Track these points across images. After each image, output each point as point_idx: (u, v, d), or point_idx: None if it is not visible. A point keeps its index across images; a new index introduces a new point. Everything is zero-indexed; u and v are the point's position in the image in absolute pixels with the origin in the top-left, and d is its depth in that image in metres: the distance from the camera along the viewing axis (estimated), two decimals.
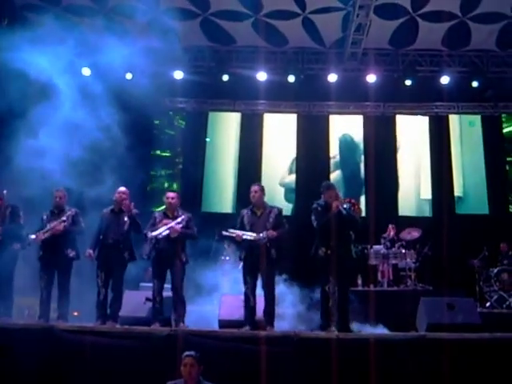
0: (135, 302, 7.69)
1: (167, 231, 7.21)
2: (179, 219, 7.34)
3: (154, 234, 7.23)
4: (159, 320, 7.01)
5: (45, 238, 7.47)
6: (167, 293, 7.37)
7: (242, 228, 7.16)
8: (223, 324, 7.58)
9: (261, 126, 14.32)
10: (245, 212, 7.35)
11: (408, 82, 13.29)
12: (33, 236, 7.48)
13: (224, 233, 7.21)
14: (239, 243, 7.26)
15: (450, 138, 13.95)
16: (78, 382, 5.81)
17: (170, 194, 7.61)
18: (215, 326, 7.59)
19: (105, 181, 8.88)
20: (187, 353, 5.09)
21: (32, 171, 9.54)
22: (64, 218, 7.56)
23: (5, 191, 7.80)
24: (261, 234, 6.98)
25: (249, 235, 7.04)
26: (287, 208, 13.22)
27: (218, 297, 8.70)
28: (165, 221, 7.33)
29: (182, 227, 7.29)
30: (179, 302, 7.15)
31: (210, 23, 12.64)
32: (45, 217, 7.73)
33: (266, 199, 7.45)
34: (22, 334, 5.99)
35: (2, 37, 10.57)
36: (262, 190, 7.39)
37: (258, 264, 6.99)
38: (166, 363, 5.59)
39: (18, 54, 10.45)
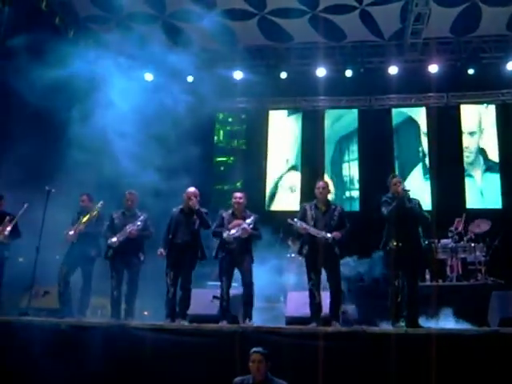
0: (203, 300, 7.83)
1: (240, 232, 7.30)
2: (249, 220, 7.41)
3: (226, 234, 7.31)
4: (227, 317, 7.11)
5: (121, 240, 7.78)
6: (234, 291, 7.47)
7: (304, 222, 7.13)
8: (290, 321, 7.62)
9: (322, 123, 14.28)
10: (307, 206, 7.31)
11: (472, 71, 12.90)
12: (114, 239, 7.76)
13: (290, 221, 7.19)
14: (300, 236, 7.24)
15: None
16: (148, 379, 5.98)
17: (238, 194, 7.65)
18: (282, 323, 7.64)
19: (174, 180, 9.11)
20: (255, 349, 5.15)
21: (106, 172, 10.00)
22: (139, 223, 7.84)
23: (101, 202, 8.13)
24: (328, 235, 6.94)
25: (315, 232, 7.02)
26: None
27: (285, 294, 8.77)
28: (236, 221, 7.41)
29: (251, 228, 7.36)
30: (248, 300, 7.21)
31: (267, 22, 12.68)
32: (115, 216, 8.02)
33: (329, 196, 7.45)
34: (95, 332, 6.23)
35: (70, 48, 11.04)
36: (328, 186, 7.37)
37: (321, 260, 6.97)
38: (234, 360, 5.67)
39: (85, 64, 10.90)
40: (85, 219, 8.00)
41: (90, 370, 5.87)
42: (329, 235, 6.93)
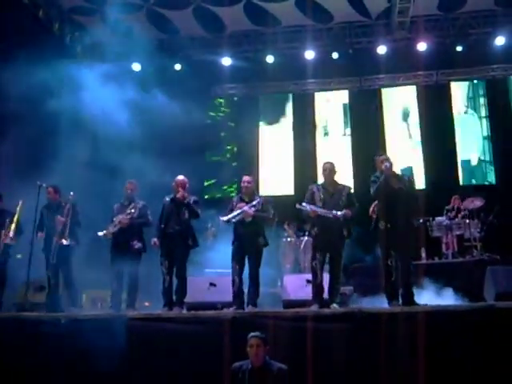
0: (200, 287, 7.85)
1: (241, 215, 7.28)
2: (254, 202, 7.38)
3: (225, 218, 7.32)
4: (237, 304, 7.07)
5: (114, 231, 7.75)
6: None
7: (313, 204, 7.10)
8: (287, 304, 7.66)
9: (312, 106, 14.25)
10: (315, 188, 7.28)
11: (460, 47, 12.87)
12: (100, 233, 7.76)
13: (298, 206, 7.18)
14: (309, 218, 7.20)
15: (510, 100, 13.43)
16: (147, 367, 6.01)
17: (246, 178, 7.62)
18: (280, 307, 7.68)
19: (166, 168, 9.09)
20: (253, 334, 5.16)
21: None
22: (128, 211, 7.78)
23: (71, 193, 8.10)
24: (338, 213, 6.92)
25: (325, 212, 7.00)
26: None
27: (281, 278, 8.80)
28: (239, 205, 7.42)
29: (255, 210, 7.32)
30: (254, 286, 7.19)
31: (253, 6, 12.58)
32: (115, 207, 8.00)
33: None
34: (93, 324, 6.24)
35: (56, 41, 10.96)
36: (334, 167, 7.33)
37: (329, 241, 6.98)
38: (232, 345, 5.69)
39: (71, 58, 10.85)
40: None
41: (90, 363, 5.89)
42: (339, 213, 6.91)
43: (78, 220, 8.09)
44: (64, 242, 7.77)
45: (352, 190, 7.40)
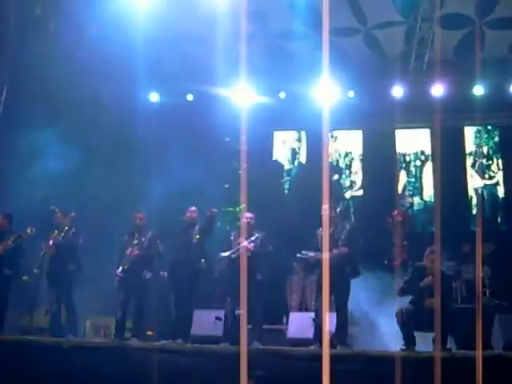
0: (205, 320, 7.82)
1: (237, 252, 7.30)
2: (253, 238, 7.41)
3: (225, 254, 7.34)
4: (230, 339, 7.04)
5: (125, 264, 7.78)
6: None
7: (317, 245, 7.09)
8: (292, 342, 7.60)
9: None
10: (319, 230, 7.32)
11: (476, 92, 12.95)
12: (118, 272, 7.76)
13: (299, 255, 7.22)
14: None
15: None
16: None
17: (248, 215, 7.65)
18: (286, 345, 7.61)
19: None
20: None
21: None
22: (136, 242, 7.84)
23: (72, 213, 8.17)
24: (334, 250, 6.90)
25: (319, 255, 6.97)
26: None
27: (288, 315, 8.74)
28: (238, 240, 7.43)
29: (254, 246, 7.35)
30: (255, 322, 7.15)
31: None
32: (125, 240, 8.05)
33: None
34: (97, 352, 6.23)
35: None
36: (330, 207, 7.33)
37: (332, 282, 6.92)
38: (234, 382, 5.63)
39: None
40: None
41: None
42: (334, 251, 6.86)
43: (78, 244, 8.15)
44: None
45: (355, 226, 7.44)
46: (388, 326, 7.64)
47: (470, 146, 13.87)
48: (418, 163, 13.99)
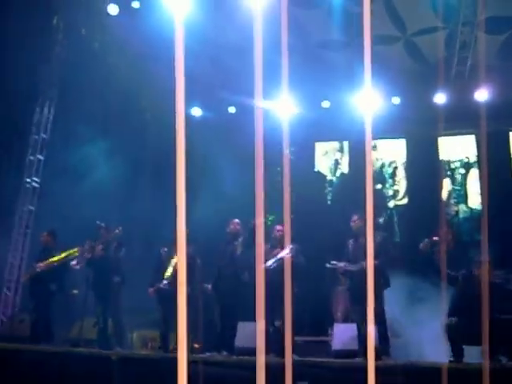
0: (249, 332, 7.83)
1: (275, 263, 7.30)
2: (287, 249, 7.41)
3: (267, 265, 7.35)
4: (273, 350, 7.04)
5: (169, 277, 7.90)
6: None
7: (347, 256, 7.10)
8: (338, 354, 7.52)
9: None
10: (351, 240, 7.29)
11: None
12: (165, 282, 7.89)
13: (328, 265, 7.22)
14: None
15: None
16: None
17: (278, 227, 7.68)
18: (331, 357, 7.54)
19: None
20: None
21: None
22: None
23: (117, 230, 8.34)
24: (363, 262, 6.87)
25: (350, 266, 6.97)
26: None
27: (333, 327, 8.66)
28: (274, 251, 7.44)
29: (292, 257, 7.34)
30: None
31: None
32: (165, 252, 8.15)
33: None
34: (142, 364, 6.32)
35: None
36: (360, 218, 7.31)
37: (364, 292, 6.87)
38: None
39: None
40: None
41: None
42: (363, 263, 6.84)
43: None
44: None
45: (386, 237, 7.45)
46: (430, 337, 7.54)
47: None
48: (463, 170, 13.68)
